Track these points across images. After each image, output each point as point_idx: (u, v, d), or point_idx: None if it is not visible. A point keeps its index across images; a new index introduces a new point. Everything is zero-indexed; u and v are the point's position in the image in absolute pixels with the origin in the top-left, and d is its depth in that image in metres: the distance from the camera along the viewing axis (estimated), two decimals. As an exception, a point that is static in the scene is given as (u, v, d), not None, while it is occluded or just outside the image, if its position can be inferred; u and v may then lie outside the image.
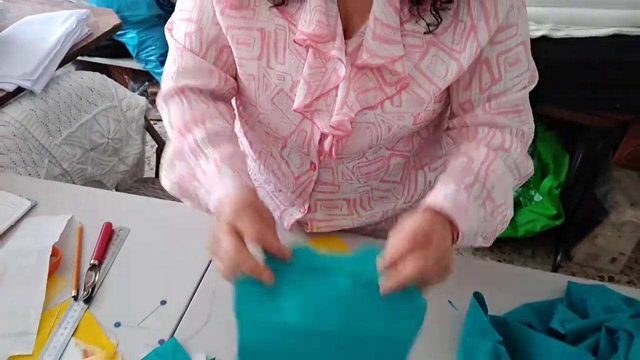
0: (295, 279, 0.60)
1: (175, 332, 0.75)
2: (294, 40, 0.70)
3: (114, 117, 1.42)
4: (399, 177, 0.89)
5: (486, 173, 0.70)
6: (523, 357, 0.70)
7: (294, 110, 0.74)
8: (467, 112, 0.77)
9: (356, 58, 0.69)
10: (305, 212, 0.90)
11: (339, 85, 0.71)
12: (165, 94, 0.79)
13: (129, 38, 2.38)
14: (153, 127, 1.54)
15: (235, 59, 0.75)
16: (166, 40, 0.81)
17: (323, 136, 0.77)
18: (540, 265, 2.01)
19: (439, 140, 0.88)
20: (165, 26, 0.81)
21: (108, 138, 1.42)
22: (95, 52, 2.45)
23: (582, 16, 1.48)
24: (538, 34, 1.47)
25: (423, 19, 0.67)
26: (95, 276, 0.83)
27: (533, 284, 0.86)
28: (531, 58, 0.74)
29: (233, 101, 0.87)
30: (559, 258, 1.98)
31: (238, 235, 0.62)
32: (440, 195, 0.66)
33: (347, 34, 0.70)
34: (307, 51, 0.70)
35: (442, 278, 0.62)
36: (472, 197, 0.67)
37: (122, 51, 2.47)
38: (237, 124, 0.91)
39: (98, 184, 1.40)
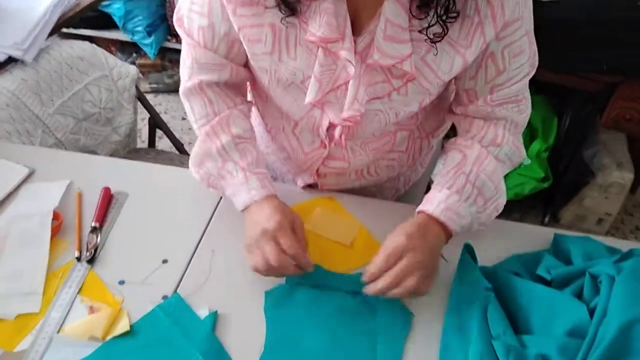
0: (308, 290, 0.78)
1: (178, 288, 0.78)
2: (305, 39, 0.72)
3: (106, 87, 1.42)
4: (404, 147, 0.93)
5: (477, 173, 0.78)
6: (511, 303, 0.74)
7: (306, 103, 0.77)
8: (471, 101, 0.80)
9: (366, 56, 0.71)
10: (316, 179, 0.95)
11: (349, 81, 0.73)
12: (186, 91, 0.84)
13: (116, 8, 2.35)
14: (145, 97, 1.54)
15: (248, 54, 0.78)
16: (153, 10, 0.83)
17: (332, 124, 0.81)
18: (528, 228, 2.06)
19: (443, 109, 0.91)
20: (174, 18, 0.82)
21: (100, 108, 1.42)
22: (81, 23, 2.41)
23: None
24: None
25: (429, 14, 0.67)
26: (97, 238, 0.85)
27: (521, 238, 0.89)
28: (533, 41, 0.75)
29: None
30: (546, 220, 2.03)
31: (279, 245, 0.74)
32: (435, 202, 0.77)
33: (356, 31, 0.71)
34: (318, 48, 0.72)
35: (425, 285, 0.72)
36: (463, 198, 0.77)
37: (108, 22, 2.43)
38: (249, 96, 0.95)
39: (92, 154, 1.41)
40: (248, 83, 0.91)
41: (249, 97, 0.93)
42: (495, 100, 0.78)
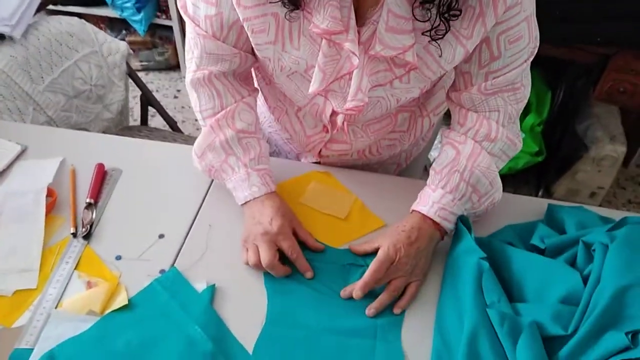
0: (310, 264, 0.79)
1: (176, 263, 0.78)
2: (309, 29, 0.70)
3: (96, 63, 1.40)
4: (405, 127, 0.94)
5: (471, 170, 0.78)
6: (505, 272, 0.75)
7: (310, 94, 0.76)
8: (466, 87, 0.78)
9: (369, 47, 0.70)
10: (319, 159, 0.96)
11: (352, 71, 0.73)
12: (194, 81, 0.82)
13: (104, -16, 2.30)
14: (136, 74, 1.52)
15: (252, 44, 0.77)
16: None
17: (335, 112, 0.82)
18: (522, 202, 2.07)
19: (442, 87, 0.90)
20: (179, 5, 0.80)
21: (91, 85, 1.40)
22: (69, 0, 2.36)
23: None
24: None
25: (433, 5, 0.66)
26: (92, 214, 0.84)
27: (515, 209, 0.90)
28: (534, 27, 0.72)
29: None
30: (540, 194, 2.04)
31: (276, 246, 0.77)
32: (429, 202, 0.78)
33: (359, 20, 0.70)
34: (322, 39, 0.71)
35: (418, 284, 0.76)
36: (457, 197, 0.78)
37: (97, -2, 2.39)
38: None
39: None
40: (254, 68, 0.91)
41: (255, 82, 0.93)
42: (490, 89, 0.76)
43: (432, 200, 0.78)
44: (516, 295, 0.72)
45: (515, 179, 2.05)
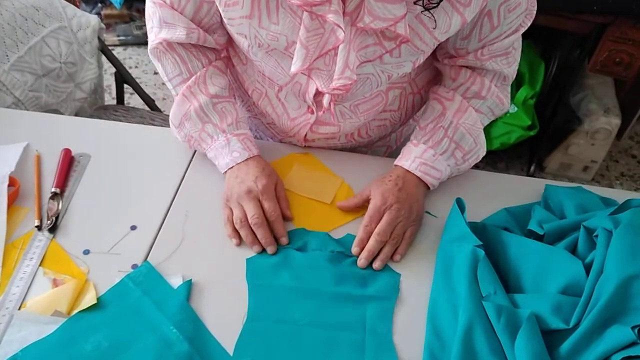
0: (292, 254, 0.74)
1: (149, 256, 0.73)
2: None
3: (65, 39, 1.31)
4: (396, 105, 0.88)
5: (456, 126, 0.77)
6: (502, 261, 0.70)
7: (292, 74, 0.70)
8: (460, 56, 0.76)
9: (356, 18, 0.64)
10: (304, 144, 0.89)
11: (338, 46, 0.66)
12: (155, 50, 0.80)
13: (76, -46, 2.18)
14: (110, 50, 1.43)
15: (224, 19, 0.71)
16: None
17: (319, 92, 0.75)
18: (514, 177, 2.04)
19: (432, 63, 0.85)
20: None
21: (60, 62, 1.31)
22: (40, -29, 2.24)
23: None
24: None
25: None
26: (58, 204, 0.78)
27: (511, 190, 0.85)
28: None
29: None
30: (532, 169, 2.00)
31: (260, 205, 0.75)
32: (411, 156, 0.78)
33: None
34: (303, 11, 0.64)
35: (413, 229, 0.75)
36: (439, 152, 0.78)
37: (69, -30, 2.26)
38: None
39: (55, 113, 1.32)
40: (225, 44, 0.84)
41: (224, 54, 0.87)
42: (486, 54, 0.75)
43: (414, 155, 0.78)
44: (513, 285, 0.68)
45: (506, 154, 2.01)
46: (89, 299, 0.67)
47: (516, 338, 0.60)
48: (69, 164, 0.84)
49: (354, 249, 0.74)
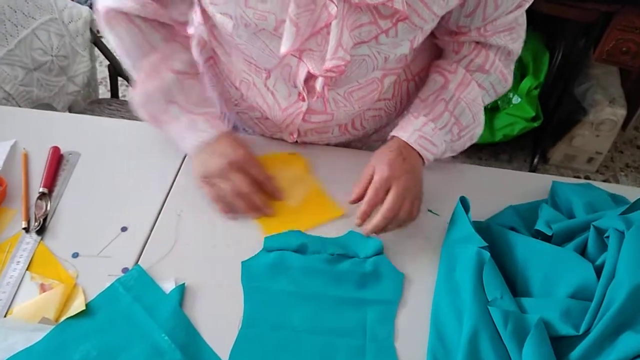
0: (289, 256, 0.71)
1: (140, 260, 0.70)
2: None
3: (56, 31, 1.28)
4: (391, 93, 0.84)
5: (457, 99, 0.74)
6: (508, 263, 0.67)
7: (282, 55, 0.65)
8: (462, 33, 0.73)
9: None
10: (295, 138, 0.85)
11: (330, 23, 0.62)
12: (108, 15, 0.72)
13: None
14: (102, 42, 1.39)
15: (208, 1, 0.66)
16: None
17: (311, 75, 0.70)
18: (517, 170, 2.00)
19: (428, 47, 0.81)
20: None
21: (52, 55, 1.28)
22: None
23: None
24: None
25: None
26: (47, 205, 0.75)
27: (516, 186, 0.82)
28: None
29: (202, 24, 0.80)
30: (535, 161, 1.97)
31: (244, 171, 0.73)
32: (409, 129, 0.74)
33: None
34: None
35: (416, 209, 0.72)
36: (439, 126, 0.74)
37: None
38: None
39: (48, 107, 1.29)
40: (206, 34, 0.80)
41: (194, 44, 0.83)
42: (490, 30, 0.73)
43: (413, 127, 0.74)
44: (520, 288, 0.65)
45: (509, 145, 1.98)
46: (78, 305, 0.65)
47: (524, 345, 0.57)
48: (57, 162, 0.81)
49: (357, 221, 0.71)
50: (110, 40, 0.76)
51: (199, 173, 0.75)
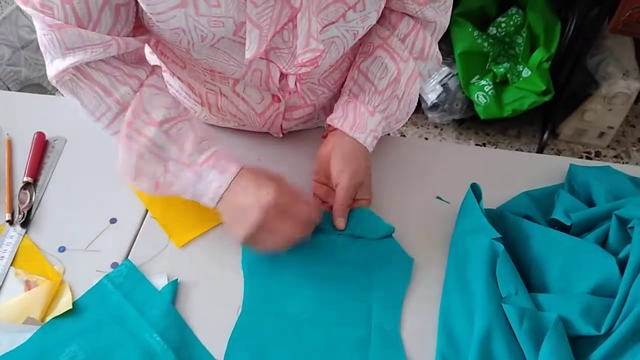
0: None
1: (130, 254, 0.66)
2: None
3: (42, 7, 1.22)
4: None
5: (408, 96, 0.73)
6: (523, 255, 0.63)
7: (248, 61, 0.59)
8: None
9: None
10: (280, 134, 0.80)
11: (295, 16, 0.56)
12: (66, 84, 0.61)
13: None
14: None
15: (152, 18, 0.57)
16: None
17: (284, 74, 0.65)
18: (525, 146, 1.94)
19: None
20: None
21: (39, 33, 1.22)
22: None
23: None
24: None
25: None
26: (31, 196, 0.71)
27: (530, 170, 0.77)
28: None
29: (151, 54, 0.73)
30: (545, 136, 1.91)
31: (283, 211, 0.61)
32: (366, 129, 0.70)
33: None
34: None
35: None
36: (387, 121, 0.73)
37: None
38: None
39: (38, 87, 1.24)
40: (152, 49, 0.71)
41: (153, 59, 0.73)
42: None
43: (369, 127, 0.71)
44: (537, 283, 0.61)
45: (518, 120, 1.91)
46: (64, 304, 0.61)
47: (541, 346, 0.53)
48: (42, 149, 0.76)
49: (337, 223, 0.68)
50: (71, 103, 0.64)
51: (237, 237, 0.62)
